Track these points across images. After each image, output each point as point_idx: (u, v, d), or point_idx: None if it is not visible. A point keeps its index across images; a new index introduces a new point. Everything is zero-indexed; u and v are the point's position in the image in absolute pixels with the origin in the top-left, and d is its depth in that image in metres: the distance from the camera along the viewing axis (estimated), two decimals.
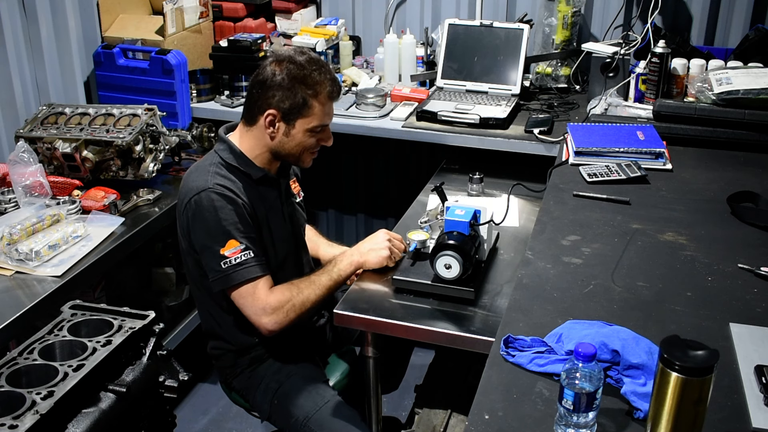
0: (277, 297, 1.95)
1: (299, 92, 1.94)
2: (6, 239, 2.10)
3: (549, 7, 3.02)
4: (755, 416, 1.23)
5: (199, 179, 1.97)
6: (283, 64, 1.95)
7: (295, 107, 1.95)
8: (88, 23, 3.01)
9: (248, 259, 1.92)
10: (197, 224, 1.94)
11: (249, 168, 2.02)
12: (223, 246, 1.90)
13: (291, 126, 1.98)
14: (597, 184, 2.12)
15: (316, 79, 1.95)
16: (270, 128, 1.98)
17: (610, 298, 1.58)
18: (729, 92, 2.36)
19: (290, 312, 1.96)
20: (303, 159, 2.06)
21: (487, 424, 1.23)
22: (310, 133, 2.00)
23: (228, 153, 2.02)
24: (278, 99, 1.94)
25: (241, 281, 1.92)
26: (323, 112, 1.99)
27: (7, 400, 1.43)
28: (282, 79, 1.94)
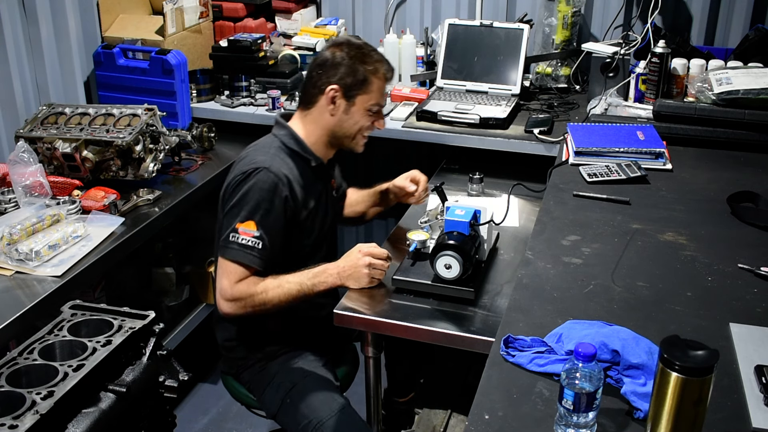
0: (241, 288, 1.95)
1: (360, 69, 2.02)
2: (6, 239, 2.09)
3: (549, 7, 3.02)
4: (755, 416, 1.23)
5: (262, 156, 2.02)
6: (341, 46, 2.05)
7: (356, 83, 2.02)
8: (88, 23, 3.01)
9: (254, 247, 1.95)
10: (239, 190, 1.99)
11: (309, 154, 2.09)
12: (242, 222, 1.95)
13: (351, 103, 2.04)
14: (597, 184, 2.12)
15: (375, 58, 2.06)
16: (331, 105, 2.04)
17: (610, 298, 1.59)
18: (729, 92, 2.36)
19: (248, 307, 1.97)
20: (357, 141, 2.11)
21: (487, 424, 1.23)
22: (368, 112, 2.06)
23: (289, 138, 2.08)
24: (340, 76, 2.02)
25: (232, 259, 1.95)
26: (381, 90, 2.07)
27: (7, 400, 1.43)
28: (342, 57, 2.02)
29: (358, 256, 1.98)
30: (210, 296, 3.06)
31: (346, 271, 1.98)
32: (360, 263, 1.97)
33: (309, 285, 1.99)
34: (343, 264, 1.99)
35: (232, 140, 3.02)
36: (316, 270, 2.00)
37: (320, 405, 2.01)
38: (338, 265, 2.00)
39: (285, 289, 1.97)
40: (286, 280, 1.98)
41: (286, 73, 3.08)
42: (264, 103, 2.99)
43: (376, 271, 1.98)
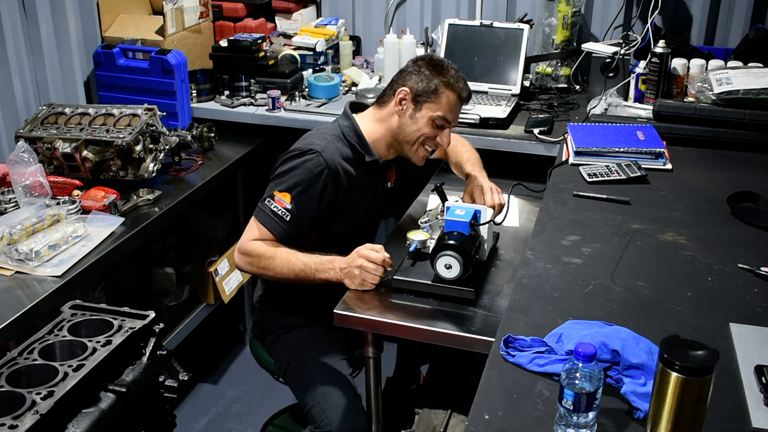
0: (254, 246, 2.05)
1: (434, 79, 2.08)
2: (6, 239, 2.10)
3: (549, 7, 3.02)
4: (755, 416, 1.23)
5: (320, 141, 2.11)
6: (425, 58, 2.15)
7: (426, 91, 2.08)
8: (88, 23, 3.01)
9: (282, 217, 2.03)
10: (289, 164, 2.07)
11: (365, 150, 2.15)
12: (281, 191, 2.04)
13: (418, 108, 2.10)
14: (597, 184, 2.12)
15: (452, 75, 2.10)
16: (399, 106, 2.11)
17: (610, 298, 1.59)
18: (729, 92, 2.36)
19: (253, 265, 2.06)
20: (417, 151, 2.16)
21: (487, 424, 1.23)
22: (433, 122, 2.10)
23: (350, 130, 2.15)
24: (413, 81, 2.10)
25: (259, 221, 2.05)
26: (450, 106, 2.10)
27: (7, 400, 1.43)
28: (420, 66, 2.11)
29: (354, 257, 2.00)
30: (210, 296, 3.07)
31: (345, 269, 2.00)
32: (353, 264, 1.99)
33: (312, 269, 2.02)
34: (345, 262, 2.01)
35: (232, 140, 3.02)
36: (325, 259, 2.04)
37: (319, 372, 2.14)
38: (342, 261, 2.02)
39: (290, 263, 2.02)
40: (296, 256, 2.03)
41: (286, 73, 3.08)
42: (264, 103, 2.99)
43: (367, 275, 1.97)
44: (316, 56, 3.23)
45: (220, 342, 3.42)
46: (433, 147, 2.18)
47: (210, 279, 2.99)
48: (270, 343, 2.30)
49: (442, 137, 2.14)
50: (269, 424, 2.89)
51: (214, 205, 3.17)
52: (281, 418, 2.92)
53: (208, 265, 3.02)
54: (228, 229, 3.20)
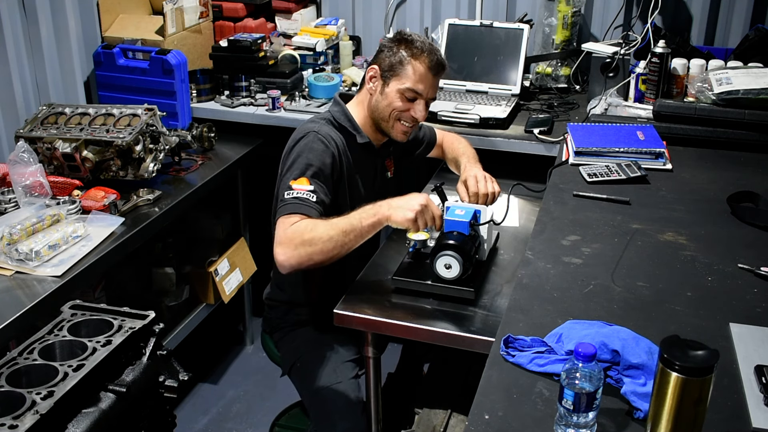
0: (291, 230, 1.91)
1: (399, 52, 2.10)
2: (6, 239, 2.09)
3: (549, 7, 3.02)
4: (755, 416, 1.23)
5: (310, 125, 2.14)
6: (394, 35, 2.16)
7: (392, 65, 2.10)
8: (88, 23, 3.01)
9: (308, 198, 1.97)
10: (291, 154, 2.08)
11: (357, 131, 2.18)
12: (295, 179, 2.01)
13: (386, 84, 2.12)
14: (597, 184, 2.12)
15: (418, 46, 2.10)
16: (369, 84, 2.15)
17: (610, 298, 1.59)
18: (729, 92, 2.36)
19: (297, 248, 1.89)
20: (394, 126, 2.15)
21: (487, 424, 1.23)
22: (402, 95, 2.10)
23: (340, 114, 2.19)
24: (381, 57, 2.13)
25: (290, 212, 1.94)
26: (417, 76, 2.09)
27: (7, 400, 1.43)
28: (389, 41, 2.14)
29: (415, 198, 1.94)
30: (210, 296, 3.06)
31: (398, 202, 1.94)
32: (415, 201, 1.92)
33: (357, 217, 1.93)
34: (399, 199, 1.96)
35: (232, 140, 3.02)
36: (367, 206, 1.96)
37: (322, 374, 2.14)
38: (394, 199, 1.96)
39: (333, 223, 1.91)
40: (336, 219, 1.94)
41: (286, 73, 3.08)
42: (264, 103, 2.99)
43: (425, 216, 1.91)
44: (316, 56, 3.23)
45: (220, 342, 3.42)
46: (410, 122, 2.14)
47: (210, 279, 2.99)
48: (278, 339, 2.31)
49: (415, 110, 2.12)
50: (276, 424, 2.89)
51: (214, 205, 3.17)
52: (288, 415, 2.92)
53: (208, 265, 3.02)
54: (228, 229, 3.20)
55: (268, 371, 3.02)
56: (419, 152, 2.51)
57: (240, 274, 3.09)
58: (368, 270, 2.16)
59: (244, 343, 3.42)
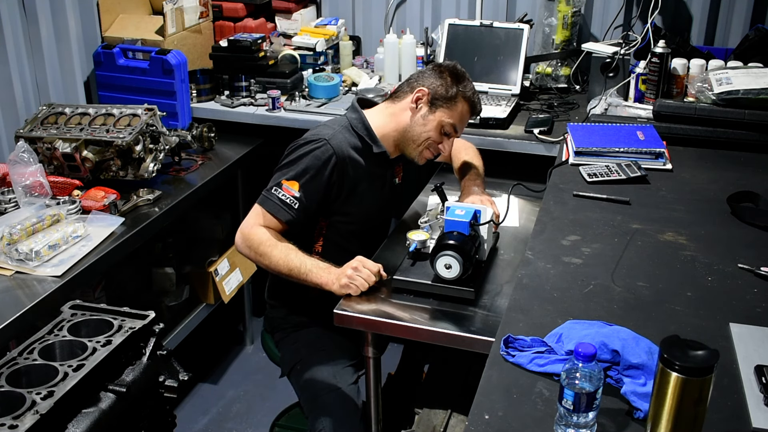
0: (258, 232, 2.04)
1: (453, 87, 2.13)
2: (6, 239, 2.09)
3: (549, 7, 3.02)
4: (755, 416, 1.23)
5: (328, 130, 2.14)
6: (449, 66, 2.19)
7: (444, 96, 2.12)
8: (88, 23, 3.01)
9: (290, 205, 2.05)
10: (296, 152, 2.10)
11: (373, 141, 2.17)
12: (288, 180, 2.06)
13: (432, 111, 2.13)
14: (597, 184, 2.12)
15: (471, 88, 2.16)
16: (414, 104, 2.14)
17: (610, 298, 1.58)
18: (729, 92, 2.36)
19: (251, 249, 2.05)
20: (422, 152, 2.18)
21: (487, 424, 1.23)
22: (441, 128, 2.14)
23: (358, 122, 2.18)
24: (434, 84, 2.14)
25: (267, 210, 2.05)
26: (462, 116, 2.15)
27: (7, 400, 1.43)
28: (442, 71, 2.16)
29: (350, 261, 1.99)
30: (210, 296, 3.06)
31: (333, 274, 1.98)
32: (344, 271, 1.97)
33: (307, 269, 2.00)
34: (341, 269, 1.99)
35: (232, 140, 3.02)
36: (323, 264, 2.02)
37: (321, 380, 2.13)
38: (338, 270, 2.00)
39: (288, 257, 2.01)
40: (296, 253, 2.02)
41: (286, 73, 3.08)
42: (264, 103, 2.99)
43: (357, 279, 1.94)
44: (316, 56, 3.23)
45: (220, 342, 3.42)
46: (436, 152, 2.20)
47: (210, 279, 2.99)
48: (279, 339, 2.31)
49: (445, 144, 2.18)
50: (276, 424, 2.89)
51: (214, 205, 3.17)
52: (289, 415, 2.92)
53: (208, 265, 3.02)
54: (228, 229, 3.20)
55: (268, 371, 3.02)
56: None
57: (240, 274, 3.09)
58: None
59: (244, 343, 3.42)
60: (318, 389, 2.13)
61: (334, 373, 2.15)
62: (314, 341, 2.22)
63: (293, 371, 2.22)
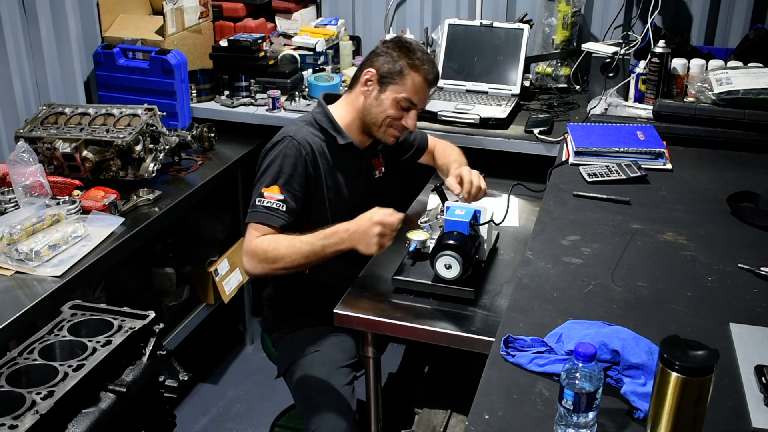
0: (257, 244, 2.00)
1: (400, 61, 2.09)
2: (6, 239, 2.09)
3: (549, 7, 3.02)
4: (755, 416, 1.23)
5: (289, 127, 2.15)
6: (393, 39, 2.17)
7: (391, 72, 2.09)
8: (88, 23, 3.01)
9: (278, 209, 2.02)
10: (266, 159, 2.09)
11: (338, 133, 2.17)
12: (267, 187, 2.04)
13: (383, 90, 2.11)
14: (597, 184, 2.12)
15: (420, 57, 2.10)
16: (365, 87, 2.13)
17: (610, 298, 1.59)
18: (729, 92, 2.36)
19: (263, 262, 1.99)
20: (386, 132, 2.16)
21: (487, 424, 1.23)
22: (398, 104, 2.11)
23: (322, 116, 2.18)
24: (380, 62, 2.11)
25: (258, 221, 2.02)
26: (415, 88, 2.10)
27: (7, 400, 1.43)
28: (388, 47, 2.13)
29: (368, 225, 1.93)
30: (210, 296, 3.06)
31: (356, 236, 1.95)
32: (371, 232, 1.93)
33: (319, 246, 1.97)
34: (355, 228, 1.95)
35: (232, 140, 3.02)
36: (328, 231, 1.98)
37: (315, 382, 2.13)
38: (349, 229, 1.96)
39: (296, 248, 1.98)
40: (298, 239, 2.00)
41: (286, 73, 3.08)
42: (264, 103, 2.99)
43: (386, 239, 1.94)
44: (316, 56, 3.23)
45: (220, 342, 3.42)
46: (400, 129, 2.17)
47: (210, 279, 2.99)
48: (276, 339, 2.31)
49: (407, 119, 2.14)
50: (276, 424, 2.89)
51: (214, 205, 3.17)
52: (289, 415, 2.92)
53: (208, 265, 3.02)
54: (228, 229, 3.20)
55: (268, 371, 3.02)
56: (408, 157, 2.49)
57: (240, 274, 3.09)
58: (368, 270, 2.16)
59: (244, 343, 3.42)
60: (312, 389, 2.13)
61: (328, 374, 2.14)
62: (309, 341, 2.22)
63: (288, 371, 2.22)
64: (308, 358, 2.18)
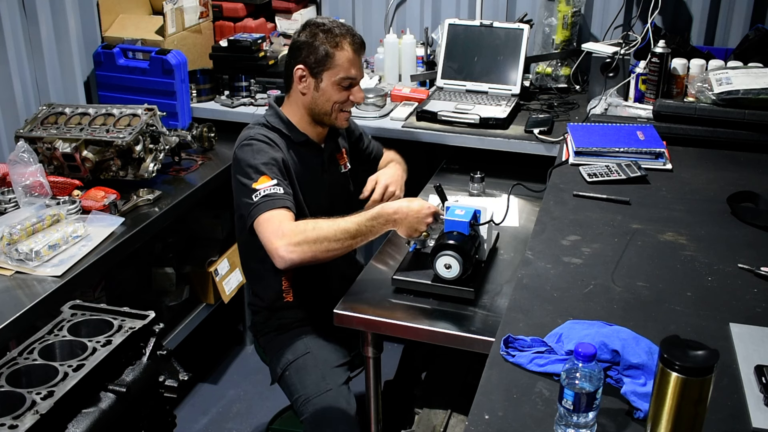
0: (291, 225, 1.92)
1: (321, 45, 2.07)
2: (6, 239, 2.09)
3: (549, 7, 3.02)
4: (755, 416, 1.23)
5: (245, 133, 2.14)
6: (305, 28, 2.13)
7: (319, 60, 2.08)
8: (88, 23, 3.01)
9: (277, 192, 1.98)
10: (239, 162, 2.06)
11: (291, 131, 2.16)
12: (256, 181, 2.00)
13: (319, 80, 2.10)
14: (597, 184, 2.12)
15: (337, 33, 2.08)
16: (301, 84, 2.11)
17: (610, 298, 1.59)
18: (729, 92, 2.36)
19: (303, 243, 1.88)
20: (337, 117, 2.16)
21: (487, 424, 1.23)
22: (338, 86, 2.11)
23: (274, 117, 2.18)
24: (304, 55, 2.09)
25: (266, 211, 1.94)
26: (348, 63, 2.10)
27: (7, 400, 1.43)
28: (305, 36, 2.10)
29: (425, 211, 1.98)
30: (210, 296, 3.07)
31: (408, 218, 1.97)
32: (423, 216, 1.97)
33: (366, 225, 1.94)
34: (406, 210, 1.97)
35: (232, 140, 2.97)
36: (373, 213, 1.97)
37: (311, 383, 2.12)
38: (398, 211, 1.96)
39: (341, 227, 1.92)
40: (341, 219, 1.95)
41: None
42: (264, 103, 2.99)
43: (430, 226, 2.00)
44: None
45: (220, 342, 3.42)
46: (350, 107, 2.18)
47: (210, 279, 2.99)
48: (265, 344, 2.30)
49: (354, 95, 2.15)
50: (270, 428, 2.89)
51: (214, 205, 3.17)
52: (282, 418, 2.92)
53: (208, 265, 3.02)
54: (228, 229, 3.20)
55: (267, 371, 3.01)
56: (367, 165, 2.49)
57: (240, 274, 3.09)
58: (368, 270, 2.16)
59: (244, 343, 3.42)
60: (308, 393, 2.12)
61: (323, 375, 2.13)
62: (299, 345, 2.20)
63: (282, 377, 2.21)
64: (300, 361, 2.17)
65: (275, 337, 2.25)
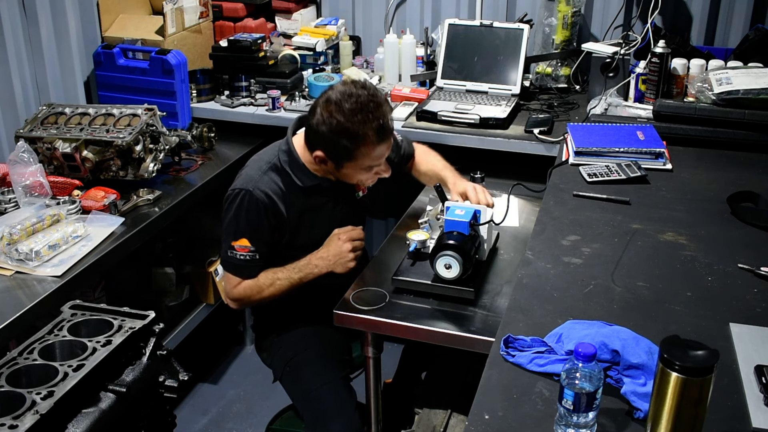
0: (239, 292, 2.14)
1: (342, 143, 1.96)
2: (6, 239, 2.09)
3: (549, 7, 3.02)
4: (755, 416, 1.23)
5: (251, 172, 2.10)
6: (331, 112, 1.94)
7: (340, 155, 2.00)
8: (88, 23, 3.01)
9: (251, 260, 2.10)
10: (228, 212, 2.10)
11: (302, 175, 2.10)
12: (236, 240, 2.09)
13: (340, 167, 2.05)
14: (597, 184, 2.12)
15: (358, 131, 1.93)
16: (321, 165, 2.07)
17: (610, 298, 1.59)
18: (729, 92, 2.36)
19: (249, 305, 2.24)
20: (359, 185, 2.20)
21: (487, 424, 1.23)
22: (362, 170, 2.05)
23: (286, 156, 2.11)
24: (324, 146, 2.00)
25: (235, 273, 2.14)
26: (370, 156, 2.00)
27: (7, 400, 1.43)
28: (324, 132, 1.96)
29: (339, 244, 2.10)
30: (210, 296, 3.06)
31: (332, 260, 2.10)
32: (344, 249, 2.09)
33: (297, 279, 2.12)
34: (326, 253, 2.11)
35: (232, 140, 3.02)
36: (301, 264, 2.12)
37: (311, 376, 2.16)
38: (322, 256, 2.11)
39: (277, 286, 2.13)
40: (276, 277, 2.13)
41: (286, 73, 3.08)
42: (264, 103, 2.99)
43: (359, 252, 2.12)
44: (316, 56, 3.23)
45: (220, 342, 3.42)
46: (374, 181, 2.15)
47: (210, 279, 2.99)
48: (266, 346, 2.32)
49: (380, 172, 2.09)
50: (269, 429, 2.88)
51: (214, 205, 3.15)
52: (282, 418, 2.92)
53: (208, 265, 3.02)
54: None
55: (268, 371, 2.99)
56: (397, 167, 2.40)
57: None
58: (368, 270, 2.16)
59: (244, 343, 3.42)
60: (309, 387, 2.15)
61: (324, 368, 2.17)
62: (299, 342, 2.23)
63: (284, 374, 2.23)
64: (301, 358, 2.19)
65: (276, 337, 2.27)
